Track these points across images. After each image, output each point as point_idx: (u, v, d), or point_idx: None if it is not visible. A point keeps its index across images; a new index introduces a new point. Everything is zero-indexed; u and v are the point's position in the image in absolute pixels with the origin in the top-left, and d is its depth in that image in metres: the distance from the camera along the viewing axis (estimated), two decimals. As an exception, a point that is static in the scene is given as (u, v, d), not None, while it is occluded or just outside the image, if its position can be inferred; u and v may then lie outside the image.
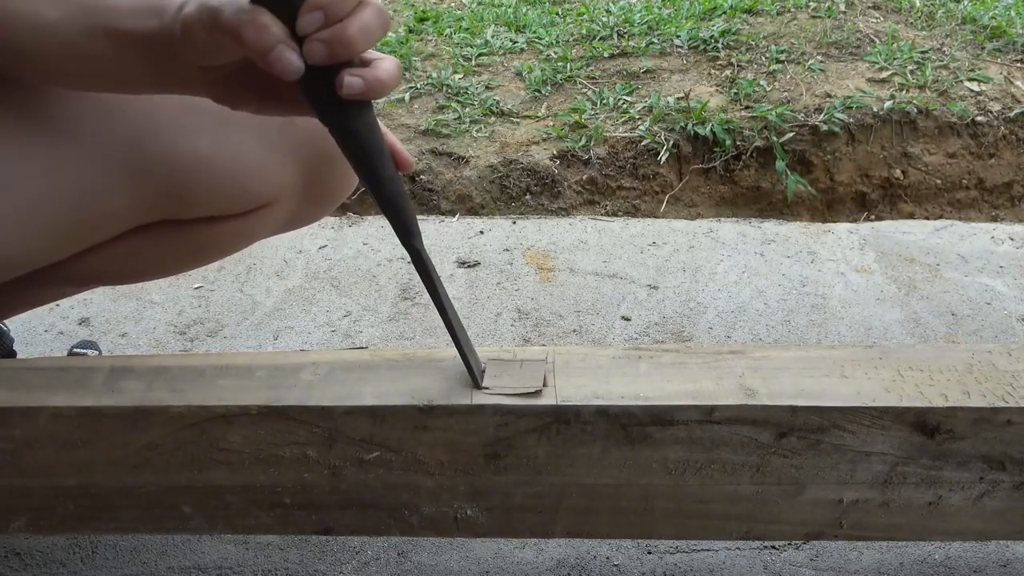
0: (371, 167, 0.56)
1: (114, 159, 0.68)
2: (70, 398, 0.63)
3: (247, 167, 0.73)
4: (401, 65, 0.54)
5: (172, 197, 0.72)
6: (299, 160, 0.76)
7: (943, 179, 1.80)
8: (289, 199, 0.79)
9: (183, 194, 0.72)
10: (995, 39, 2.10)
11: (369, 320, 1.30)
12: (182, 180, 0.71)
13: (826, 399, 0.63)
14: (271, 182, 0.76)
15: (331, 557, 0.90)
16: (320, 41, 0.49)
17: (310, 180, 0.79)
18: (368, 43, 0.51)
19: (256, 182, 0.75)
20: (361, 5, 0.51)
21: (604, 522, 0.69)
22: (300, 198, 0.80)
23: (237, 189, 0.74)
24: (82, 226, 0.70)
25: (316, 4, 0.49)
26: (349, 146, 0.56)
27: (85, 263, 0.76)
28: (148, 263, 0.81)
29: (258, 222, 0.80)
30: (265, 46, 0.49)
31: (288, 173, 0.76)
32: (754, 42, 2.12)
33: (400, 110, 1.89)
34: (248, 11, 0.49)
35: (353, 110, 0.54)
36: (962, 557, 0.90)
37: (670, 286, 1.38)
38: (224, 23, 0.50)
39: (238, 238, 0.81)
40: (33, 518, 0.69)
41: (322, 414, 0.63)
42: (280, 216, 0.81)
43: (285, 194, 0.78)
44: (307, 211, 0.83)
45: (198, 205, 0.74)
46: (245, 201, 0.76)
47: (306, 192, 0.80)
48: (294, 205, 0.81)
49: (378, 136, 0.56)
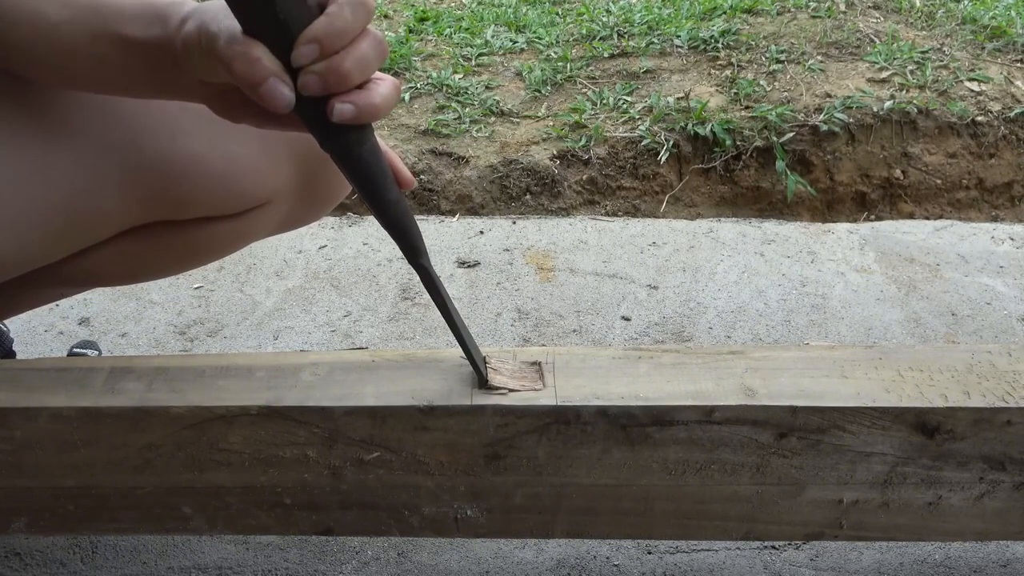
0: (375, 192, 0.56)
1: (108, 160, 0.68)
2: (70, 398, 0.63)
3: (242, 167, 0.73)
4: (399, 85, 0.53)
5: (167, 198, 0.72)
6: (295, 161, 0.76)
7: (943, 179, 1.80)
8: (285, 200, 0.79)
9: (178, 195, 0.72)
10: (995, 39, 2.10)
11: (369, 320, 1.30)
12: (177, 180, 0.71)
13: (826, 399, 0.63)
14: (266, 183, 0.76)
15: (331, 557, 0.90)
16: (314, 74, 0.49)
17: (306, 181, 0.79)
18: (364, 75, 0.50)
19: (251, 182, 0.74)
20: (359, 36, 0.50)
21: (604, 522, 0.69)
22: (296, 199, 0.80)
23: (232, 189, 0.74)
24: (76, 227, 0.70)
25: (312, 37, 0.48)
26: (351, 172, 0.55)
27: (81, 264, 0.76)
28: (144, 264, 0.80)
29: (254, 223, 0.80)
30: (256, 80, 0.49)
31: (284, 174, 0.76)
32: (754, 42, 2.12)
33: (400, 110, 1.89)
34: (241, 43, 0.49)
35: (352, 134, 0.53)
36: (962, 557, 0.90)
37: (670, 286, 1.38)
38: (218, 53, 0.50)
39: (234, 239, 0.81)
40: (33, 519, 0.69)
41: (322, 414, 0.63)
42: (276, 217, 0.81)
43: (281, 195, 0.78)
44: (303, 212, 0.83)
45: (193, 206, 0.74)
46: (240, 201, 0.76)
47: (302, 193, 0.80)
48: (290, 206, 0.81)
49: (380, 159, 0.55)
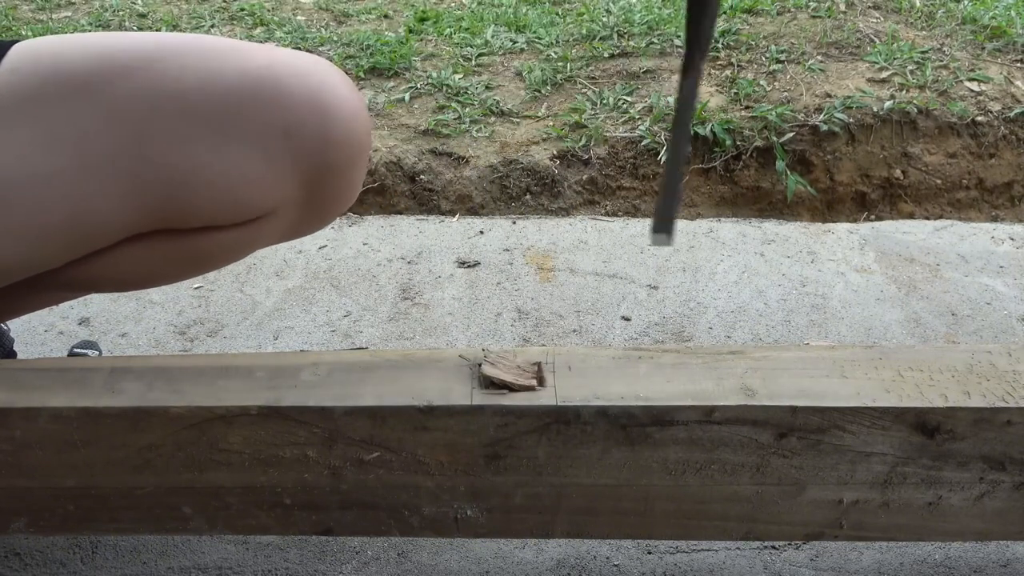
0: None
1: (111, 166, 0.68)
2: (70, 398, 0.63)
3: (246, 177, 0.73)
4: None
5: (170, 206, 0.71)
6: (299, 171, 0.76)
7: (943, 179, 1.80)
8: (290, 210, 0.78)
9: (181, 203, 0.71)
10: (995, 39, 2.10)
11: (369, 320, 1.30)
12: (180, 188, 0.70)
13: (826, 399, 0.63)
14: (271, 192, 0.75)
15: (331, 557, 0.90)
16: None
17: (310, 191, 0.78)
18: None
19: (256, 192, 0.74)
20: None
21: (604, 522, 0.69)
22: (301, 209, 0.79)
23: (236, 199, 0.73)
24: (79, 233, 0.70)
25: None
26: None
27: (82, 270, 0.76)
28: (145, 272, 0.80)
29: (257, 233, 0.79)
30: None
31: (289, 184, 0.75)
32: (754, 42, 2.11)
33: (400, 110, 1.89)
34: None
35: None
36: (962, 557, 0.90)
37: (670, 286, 1.38)
38: None
39: (238, 248, 0.80)
40: (33, 519, 0.69)
41: (322, 414, 0.63)
42: (280, 227, 0.81)
43: (285, 205, 0.77)
44: (308, 222, 0.82)
45: (197, 214, 0.73)
46: (245, 211, 0.75)
47: (307, 203, 0.79)
48: (294, 216, 0.80)
49: None
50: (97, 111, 0.67)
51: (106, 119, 0.67)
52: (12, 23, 2.30)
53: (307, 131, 0.72)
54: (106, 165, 0.67)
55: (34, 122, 0.66)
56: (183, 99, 0.68)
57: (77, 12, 2.45)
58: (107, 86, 0.68)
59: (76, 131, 0.66)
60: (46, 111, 0.66)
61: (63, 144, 0.66)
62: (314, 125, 0.72)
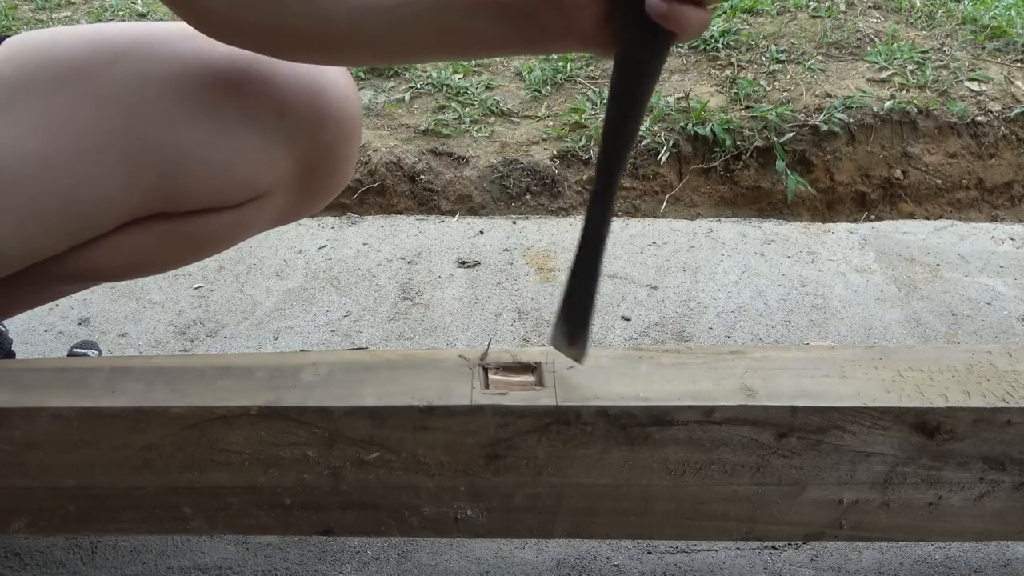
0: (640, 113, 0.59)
1: (106, 149, 0.68)
2: (70, 399, 0.63)
3: (241, 156, 0.73)
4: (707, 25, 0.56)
5: (166, 187, 0.72)
6: (295, 150, 0.76)
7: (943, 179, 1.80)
8: (284, 191, 0.79)
9: (177, 184, 0.72)
10: (995, 39, 2.10)
11: (369, 320, 1.30)
12: (176, 170, 0.71)
13: (826, 399, 0.63)
14: (266, 172, 0.76)
15: (331, 557, 0.90)
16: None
17: (306, 172, 0.79)
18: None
19: (251, 172, 0.75)
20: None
21: (604, 522, 0.69)
22: (295, 190, 0.80)
23: (231, 179, 0.74)
24: (78, 218, 0.70)
25: None
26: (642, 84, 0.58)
27: (82, 258, 0.76)
28: (145, 257, 0.81)
29: (253, 214, 0.80)
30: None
31: (283, 163, 0.76)
32: (754, 42, 2.11)
33: (400, 110, 1.89)
34: None
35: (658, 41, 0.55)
36: (962, 557, 0.90)
37: (670, 286, 1.38)
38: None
39: (234, 231, 0.81)
40: (33, 519, 0.69)
41: (322, 414, 0.63)
42: (275, 208, 0.81)
43: (280, 185, 0.78)
44: (302, 204, 0.83)
45: (193, 196, 0.74)
46: (240, 192, 0.76)
47: (302, 184, 0.80)
48: (289, 197, 0.81)
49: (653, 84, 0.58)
50: (90, 96, 0.67)
51: (98, 104, 0.68)
52: (12, 23, 2.30)
53: (300, 110, 0.72)
54: (101, 149, 0.68)
55: (29, 109, 0.66)
56: (175, 82, 0.69)
57: (77, 12, 2.45)
58: (99, 71, 0.69)
59: (70, 117, 0.67)
60: (40, 98, 0.67)
61: (58, 130, 0.66)
62: (307, 104, 0.73)
